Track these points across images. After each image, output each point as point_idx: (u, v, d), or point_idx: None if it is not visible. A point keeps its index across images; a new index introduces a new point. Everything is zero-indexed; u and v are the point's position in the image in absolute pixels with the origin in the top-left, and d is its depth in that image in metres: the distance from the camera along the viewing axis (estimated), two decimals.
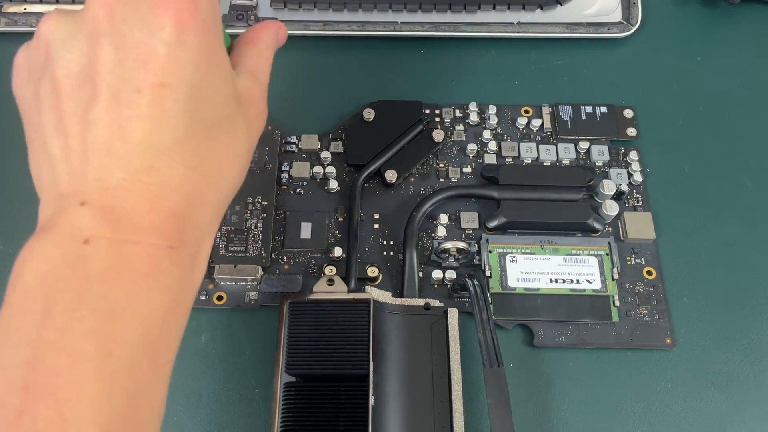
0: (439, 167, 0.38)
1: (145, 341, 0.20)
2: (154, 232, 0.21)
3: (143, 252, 0.21)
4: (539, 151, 0.38)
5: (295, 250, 0.35)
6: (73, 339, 0.19)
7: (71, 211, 0.21)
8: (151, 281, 0.21)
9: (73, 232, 0.20)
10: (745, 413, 0.32)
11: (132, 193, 0.21)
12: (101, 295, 0.20)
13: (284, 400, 0.29)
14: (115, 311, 0.20)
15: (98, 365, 0.19)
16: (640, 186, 0.37)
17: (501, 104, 0.39)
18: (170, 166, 0.21)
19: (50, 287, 0.20)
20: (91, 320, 0.19)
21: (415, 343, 0.31)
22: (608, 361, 0.33)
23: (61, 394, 0.18)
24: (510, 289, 0.34)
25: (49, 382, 0.19)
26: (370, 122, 0.38)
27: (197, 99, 0.22)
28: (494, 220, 0.35)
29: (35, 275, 0.20)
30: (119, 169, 0.21)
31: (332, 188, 0.37)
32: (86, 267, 0.20)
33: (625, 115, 0.39)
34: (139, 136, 0.21)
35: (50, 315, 0.19)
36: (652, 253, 0.35)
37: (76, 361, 0.19)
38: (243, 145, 0.24)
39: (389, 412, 0.29)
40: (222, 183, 0.24)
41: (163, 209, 0.21)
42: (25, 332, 0.19)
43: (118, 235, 0.20)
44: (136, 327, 0.20)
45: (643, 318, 0.34)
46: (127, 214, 0.21)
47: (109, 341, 0.19)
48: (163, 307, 0.21)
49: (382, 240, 0.36)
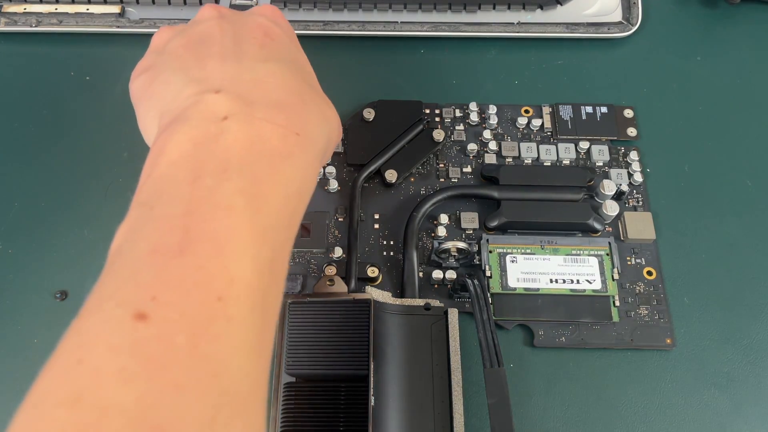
0: (439, 167, 0.38)
1: (284, 208, 0.22)
2: (285, 118, 0.23)
3: (277, 131, 0.23)
4: (539, 151, 0.38)
5: (296, 251, 0.35)
6: (225, 195, 0.21)
7: (207, 98, 0.23)
8: (287, 158, 0.23)
9: (212, 112, 0.22)
10: (745, 413, 0.32)
11: (259, 87, 0.24)
12: (245, 162, 0.22)
13: (284, 401, 0.29)
14: (259, 177, 0.22)
15: (249, 218, 0.21)
16: (641, 186, 0.37)
17: (501, 104, 0.39)
18: (285, 78, 0.25)
19: (196, 157, 0.21)
20: (238, 181, 0.21)
21: (416, 344, 0.31)
22: (608, 362, 0.33)
23: (219, 236, 0.20)
24: (510, 289, 0.34)
25: (207, 227, 0.20)
26: (370, 122, 0.38)
27: (294, 55, 0.27)
28: (494, 220, 0.35)
29: (179, 151, 0.22)
30: (246, 72, 0.24)
31: (332, 188, 0.37)
32: (228, 139, 0.22)
33: (625, 115, 0.39)
34: (257, 56, 0.25)
35: (200, 177, 0.21)
36: (652, 254, 0.35)
37: (229, 213, 0.20)
38: (328, 122, 0.27)
39: (389, 412, 0.29)
40: (324, 122, 0.26)
41: (286, 103, 0.24)
42: (178, 192, 0.21)
43: (254, 113, 0.23)
44: (278, 192, 0.22)
45: (644, 318, 0.34)
46: (258, 101, 0.23)
47: (257, 200, 0.21)
48: (295, 183, 0.23)
49: (382, 240, 0.36)
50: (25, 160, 0.38)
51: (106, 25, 0.41)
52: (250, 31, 0.26)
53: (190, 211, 0.20)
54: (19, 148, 0.38)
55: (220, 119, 0.22)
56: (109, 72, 0.41)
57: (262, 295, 0.20)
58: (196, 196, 0.20)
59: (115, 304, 0.18)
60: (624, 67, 0.42)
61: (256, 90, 0.24)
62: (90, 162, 0.38)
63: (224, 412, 0.18)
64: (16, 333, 0.33)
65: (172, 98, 0.24)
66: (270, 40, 0.26)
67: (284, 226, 0.22)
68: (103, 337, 0.18)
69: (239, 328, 0.19)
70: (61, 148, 0.38)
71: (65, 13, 0.41)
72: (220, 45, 0.25)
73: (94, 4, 0.41)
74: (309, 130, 0.24)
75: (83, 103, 0.40)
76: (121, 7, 0.41)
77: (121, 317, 0.18)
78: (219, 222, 0.20)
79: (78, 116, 0.39)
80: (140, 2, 0.41)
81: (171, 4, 0.42)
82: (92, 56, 0.41)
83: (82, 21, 0.41)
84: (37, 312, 0.34)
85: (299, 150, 0.23)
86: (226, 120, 0.22)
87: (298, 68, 0.27)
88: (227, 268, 0.19)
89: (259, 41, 0.26)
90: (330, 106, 0.27)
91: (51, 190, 0.37)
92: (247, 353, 0.19)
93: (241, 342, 0.19)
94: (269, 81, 0.24)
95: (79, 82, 0.40)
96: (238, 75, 0.24)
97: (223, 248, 0.20)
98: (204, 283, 0.19)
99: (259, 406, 0.20)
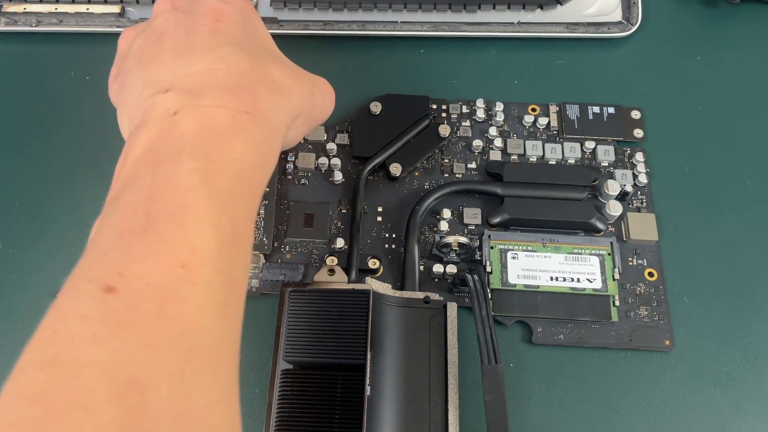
0: (444, 162, 0.38)
1: (240, 181, 0.24)
2: (232, 100, 0.25)
3: (224, 113, 0.25)
4: (545, 150, 0.38)
5: (298, 240, 0.35)
6: (181, 176, 0.22)
7: (159, 99, 0.25)
8: (237, 134, 0.24)
9: (164, 110, 0.25)
10: (745, 413, 0.32)
11: (208, 76, 0.25)
12: (197, 145, 0.23)
13: (281, 387, 0.30)
14: (211, 156, 0.23)
15: (205, 194, 0.22)
16: (645, 187, 0.37)
17: (508, 102, 0.39)
18: (233, 61, 0.26)
19: (154, 151, 0.23)
20: (191, 162, 0.23)
21: (413, 336, 0.31)
22: (607, 361, 0.33)
23: (178, 212, 0.22)
24: (510, 285, 0.34)
25: (167, 207, 0.22)
26: (376, 115, 0.38)
27: (248, 34, 0.29)
28: (497, 217, 0.35)
29: (140, 148, 0.24)
30: (195, 64, 0.26)
31: (337, 180, 0.37)
32: (180, 129, 0.24)
33: (632, 116, 0.39)
34: (207, 45, 0.27)
35: (158, 166, 0.23)
36: (654, 255, 0.35)
37: (187, 191, 0.22)
38: (287, 93, 0.28)
39: (384, 402, 0.30)
40: (280, 94, 0.27)
41: (235, 85, 0.25)
42: (140, 182, 0.23)
43: (200, 102, 0.25)
44: (231, 167, 0.24)
45: (643, 319, 0.33)
46: (205, 90, 0.25)
47: (212, 176, 0.23)
48: (249, 157, 0.24)
49: (384, 233, 0.36)
50: (25, 160, 0.38)
51: (106, 24, 0.41)
52: (201, 18, 0.28)
53: (152, 195, 0.22)
54: (19, 148, 0.38)
55: (171, 115, 0.24)
56: (109, 72, 0.40)
57: (226, 262, 0.22)
58: (156, 182, 0.22)
59: (86, 281, 0.20)
60: (624, 67, 0.41)
61: (204, 79, 0.25)
62: (90, 162, 0.38)
63: (193, 365, 0.19)
64: (16, 333, 0.33)
65: (135, 103, 0.26)
66: (222, 23, 0.28)
67: (243, 197, 0.24)
68: (75, 310, 0.20)
69: (204, 291, 0.21)
70: (61, 149, 0.38)
71: (65, 13, 0.41)
72: (173, 40, 0.27)
73: (94, 4, 0.41)
74: (261, 106, 0.26)
75: (83, 103, 0.39)
76: (121, 6, 0.41)
77: (91, 291, 0.20)
78: (178, 201, 0.22)
79: (78, 116, 0.39)
80: (140, 2, 0.41)
81: None
82: (92, 56, 0.41)
83: (82, 21, 0.41)
84: (37, 312, 0.33)
85: (250, 126, 0.25)
86: (176, 114, 0.24)
87: (253, 46, 0.28)
88: (188, 239, 0.21)
89: (210, 27, 0.27)
90: (296, 77, 0.29)
91: (51, 190, 0.37)
92: (214, 314, 0.21)
93: (207, 303, 0.21)
94: (218, 68, 0.26)
95: (79, 82, 0.40)
96: (187, 69, 0.26)
97: (182, 223, 0.21)
98: (167, 254, 0.21)
99: (229, 361, 0.21)
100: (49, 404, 0.17)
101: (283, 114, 0.27)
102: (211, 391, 0.20)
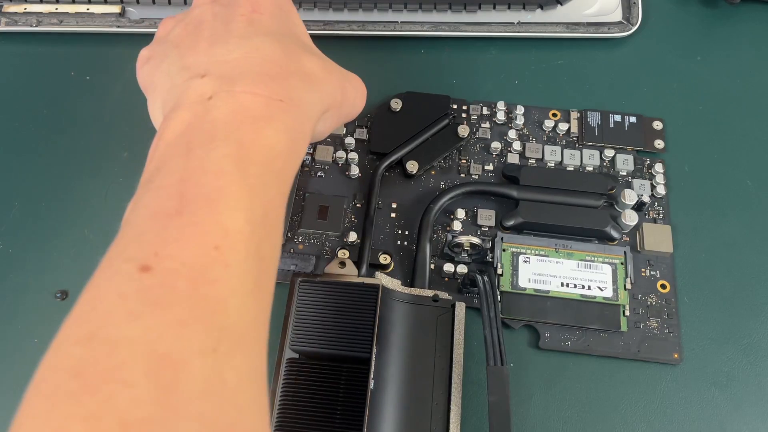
0: (461, 162, 0.38)
1: (272, 167, 0.24)
2: (266, 87, 0.25)
3: (258, 100, 0.25)
4: (563, 155, 0.38)
5: (311, 231, 0.35)
6: (214, 161, 0.23)
7: (194, 84, 0.25)
8: (269, 121, 0.25)
9: (199, 94, 0.25)
10: (745, 413, 0.32)
11: (243, 64, 0.26)
12: (230, 131, 0.24)
13: (285, 376, 0.30)
14: (244, 141, 0.24)
15: (238, 179, 0.23)
16: (663, 199, 0.37)
17: (528, 105, 0.39)
18: (269, 51, 0.27)
19: (188, 135, 0.24)
20: (224, 147, 0.23)
21: (420, 333, 0.31)
22: (611, 368, 0.33)
23: (211, 196, 0.22)
24: (520, 288, 0.34)
25: (200, 190, 0.22)
26: (396, 112, 0.38)
27: (284, 26, 0.29)
28: (511, 220, 0.35)
29: (174, 132, 0.24)
30: (231, 52, 0.26)
31: (353, 174, 0.37)
32: (213, 114, 0.24)
33: (654, 127, 0.39)
34: (243, 34, 0.27)
35: (191, 150, 0.23)
36: (668, 267, 0.35)
37: (219, 176, 0.22)
38: (319, 85, 0.28)
39: (387, 396, 0.30)
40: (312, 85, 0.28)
41: (269, 73, 0.26)
42: (174, 165, 0.23)
43: (235, 88, 0.25)
44: (263, 153, 0.24)
45: (653, 331, 0.33)
46: (240, 77, 0.25)
47: (244, 162, 0.23)
48: (281, 144, 0.25)
49: (397, 229, 0.36)
50: (25, 160, 0.38)
51: (106, 25, 0.41)
52: (238, 9, 0.28)
53: (185, 178, 0.22)
54: (19, 148, 0.38)
55: (206, 100, 0.25)
56: (109, 72, 0.41)
57: (257, 245, 0.22)
58: (189, 166, 0.23)
59: (122, 260, 0.21)
60: (624, 67, 0.41)
61: (239, 66, 0.26)
62: (90, 162, 0.38)
63: (224, 344, 0.20)
64: (16, 333, 0.33)
65: (170, 88, 0.27)
66: (258, 15, 0.28)
67: (274, 183, 0.24)
68: (112, 288, 0.20)
69: (236, 272, 0.21)
70: (61, 148, 0.38)
71: (65, 13, 0.41)
72: (211, 29, 0.28)
73: (94, 4, 0.41)
74: (294, 95, 0.26)
75: (83, 103, 0.40)
76: (121, 7, 0.41)
77: (128, 271, 0.20)
78: (211, 184, 0.22)
79: (78, 116, 0.39)
80: (140, 2, 0.42)
81: (171, 3, 0.42)
82: (92, 56, 0.41)
83: (82, 21, 0.41)
84: (37, 312, 0.34)
85: (283, 114, 0.25)
86: (210, 99, 0.25)
87: (288, 38, 0.28)
88: (221, 222, 0.22)
89: (247, 18, 0.28)
90: (328, 70, 0.29)
91: (51, 190, 0.37)
92: (245, 295, 0.21)
93: (239, 285, 0.21)
94: (253, 56, 0.26)
95: (79, 82, 0.41)
96: (223, 56, 0.26)
97: (215, 205, 0.22)
98: (200, 236, 0.21)
99: (259, 342, 0.22)
100: (86, 377, 0.18)
101: (314, 104, 0.28)
102: (240, 370, 0.20)
